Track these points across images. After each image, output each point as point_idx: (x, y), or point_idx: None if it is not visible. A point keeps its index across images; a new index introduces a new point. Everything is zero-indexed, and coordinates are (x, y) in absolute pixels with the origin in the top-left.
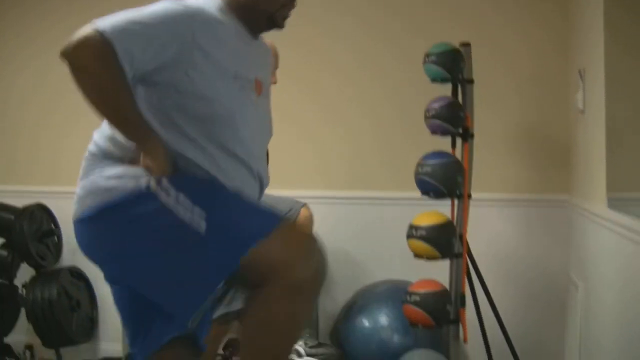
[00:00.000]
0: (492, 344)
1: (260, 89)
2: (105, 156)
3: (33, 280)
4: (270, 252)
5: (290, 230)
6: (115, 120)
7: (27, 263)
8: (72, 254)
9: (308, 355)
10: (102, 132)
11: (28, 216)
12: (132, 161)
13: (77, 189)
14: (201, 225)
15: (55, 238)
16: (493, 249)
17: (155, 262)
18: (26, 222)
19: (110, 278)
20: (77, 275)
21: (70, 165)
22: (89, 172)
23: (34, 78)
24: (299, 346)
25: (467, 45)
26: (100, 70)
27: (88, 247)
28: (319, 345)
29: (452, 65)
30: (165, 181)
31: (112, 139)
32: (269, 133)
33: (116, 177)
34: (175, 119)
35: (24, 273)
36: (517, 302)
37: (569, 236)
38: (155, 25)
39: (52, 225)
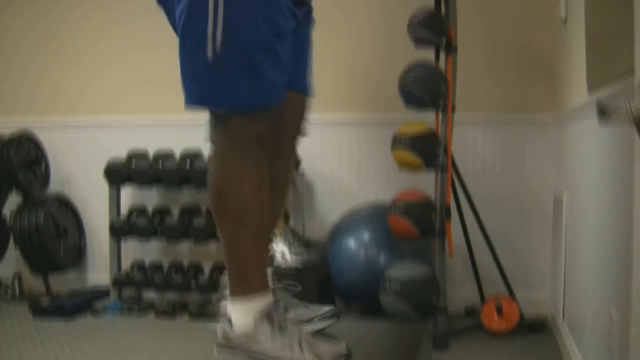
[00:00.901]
0: (478, 261)
1: None
2: None
3: (20, 207)
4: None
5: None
6: None
7: (15, 190)
8: (60, 184)
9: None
10: None
11: (15, 144)
12: None
13: None
14: None
15: (43, 167)
16: (479, 169)
17: None
18: (13, 150)
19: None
20: (65, 204)
21: (55, 95)
22: None
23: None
24: (285, 248)
25: None
26: None
27: None
28: (305, 246)
29: None
30: None
31: None
32: None
33: None
34: None
35: (12, 203)
36: (503, 220)
37: (555, 153)
38: None
39: (39, 154)
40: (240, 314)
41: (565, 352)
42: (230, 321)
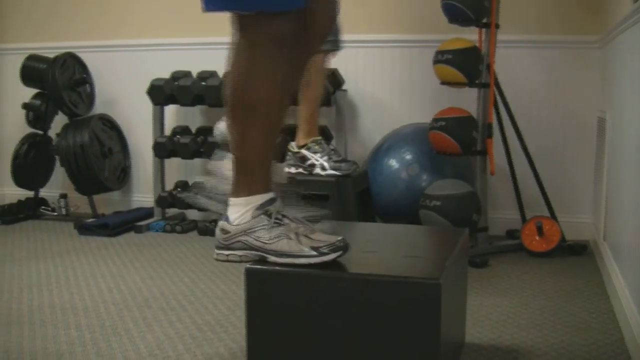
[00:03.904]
0: (520, 182)
1: None
2: None
3: (65, 127)
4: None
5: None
6: None
7: (61, 111)
8: (104, 105)
9: (332, 169)
10: None
11: (60, 65)
12: None
13: None
14: None
15: (88, 87)
16: (523, 90)
17: None
18: (58, 70)
19: None
20: (109, 124)
21: (99, 19)
22: None
23: None
24: (324, 160)
25: None
26: None
27: None
28: (343, 160)
29: None
30: None
31: None
32: None
33: None
34: None
35: (58, 126)
36: (546, 141)
37: (599, 74)
38: None
39: (84, 74)
40: (238, 210)
41: (606, 272)
42: (227, 218)
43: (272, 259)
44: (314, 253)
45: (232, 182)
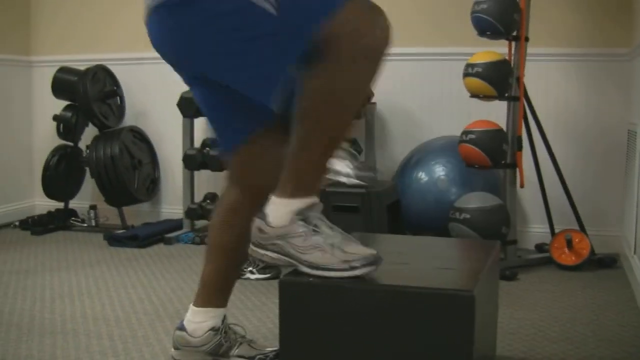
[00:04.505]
0: (549, 195)
1: None
2: None
3: (96, 139)
4: (342, 21)
5: (361, 3)
6: None
7: (91, 123)
8: (135, 117)
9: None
10: None
11: (90, 77)
12: None
13: None
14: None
15: (118, 99)
16: (552, 102)
17: (231, 44)
18: (89, 82)
19: (187, 74)
20: (140, 136)
21: (127, 32)
22: None
23: None
24: (347, 167)
25: None
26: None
27: (165, 40)
28: (362, 166)
29: None
30: None
31: None
32: None
33: None
34: None
35: (88, 137)
36: (575, 154)
37: (629, 87)
38: None
39: (114, 87)
40: (278, 211)
41: (636, 286)
42: (265, 216)
43: (304, 269)
44: (346, 267)
45: (285, 181)
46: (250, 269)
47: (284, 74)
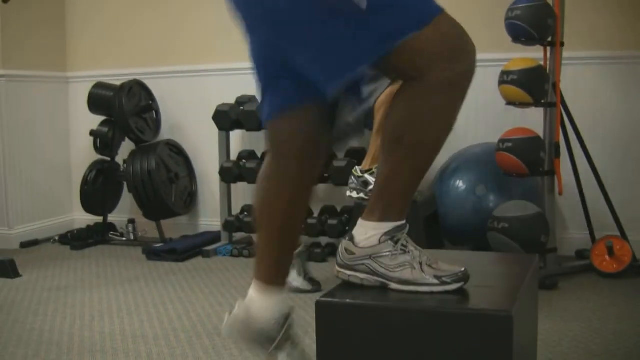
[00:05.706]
0: (589, 202)
1: None
2: None
3: (133, 153)
4: (430, 43)
5: (449, 21)
6: None
7: (128, 138)
8: (171, 131)
9: None
10: None
11: (126, 92)
12: None
13: None
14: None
15: (154, 113)
16: (589, 107)
17: (311, 26)
18: (125, 97)
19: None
20: (176, 149)
21: (161, 46)
22: None
23: None
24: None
25: None
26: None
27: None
28: None
29: None
30: None
31: None
32: None
33: None
34: None
35: (125, 152)
36: (614, 158)
37: None
38: None
39: (150, 101)
40: (366, 233)
41: None
42: (353, 237)
43: (394, 286)
44: (437, 282)
45: (377, 204)
46: (296, 272)
47: (354, 68)
